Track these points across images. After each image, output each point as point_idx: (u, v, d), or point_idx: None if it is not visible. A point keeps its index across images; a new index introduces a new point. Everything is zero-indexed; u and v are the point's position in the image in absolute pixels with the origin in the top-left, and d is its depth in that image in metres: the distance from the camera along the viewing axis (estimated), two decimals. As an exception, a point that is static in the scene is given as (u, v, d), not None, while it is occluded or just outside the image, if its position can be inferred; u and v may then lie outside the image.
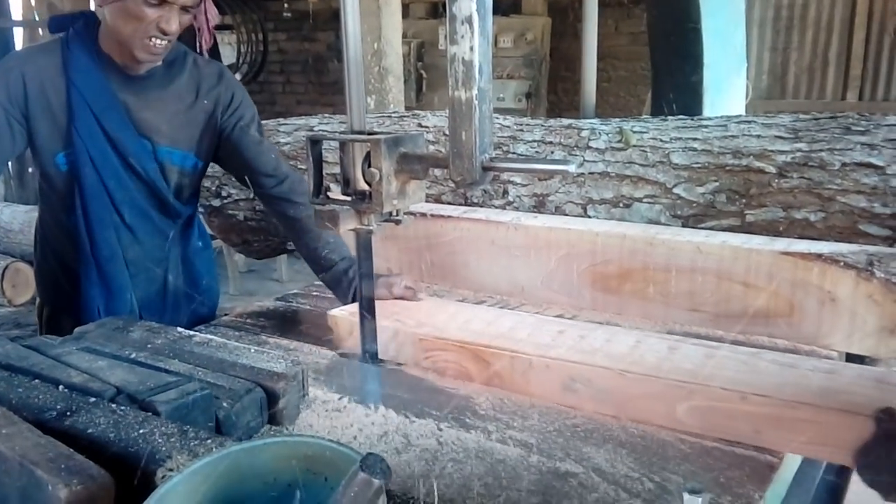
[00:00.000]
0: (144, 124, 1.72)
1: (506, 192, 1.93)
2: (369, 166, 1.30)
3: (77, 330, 1.48)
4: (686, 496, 0.69)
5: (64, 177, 1.71)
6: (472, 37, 1.16)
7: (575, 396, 1.29)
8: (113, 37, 1.64)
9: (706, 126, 1.79)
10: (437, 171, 1.95)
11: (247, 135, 1.81)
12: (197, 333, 1.44)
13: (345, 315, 1.57)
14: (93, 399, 1.07)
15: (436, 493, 0.99)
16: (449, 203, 2.05)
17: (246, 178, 1.83)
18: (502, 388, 1.35)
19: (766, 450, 1.11)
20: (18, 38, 6.53)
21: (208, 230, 2.55)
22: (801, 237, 1.58)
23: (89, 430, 0.98)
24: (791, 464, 1.17)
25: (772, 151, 1.65)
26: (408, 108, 4.58)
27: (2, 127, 1.62)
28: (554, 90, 6.33)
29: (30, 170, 6.49)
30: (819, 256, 1.45)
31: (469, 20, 1.15)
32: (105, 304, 1.78)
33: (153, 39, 1.59)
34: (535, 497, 0.99)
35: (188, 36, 1.78)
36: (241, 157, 1.81)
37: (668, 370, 1.25)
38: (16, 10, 6.52)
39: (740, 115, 1.94)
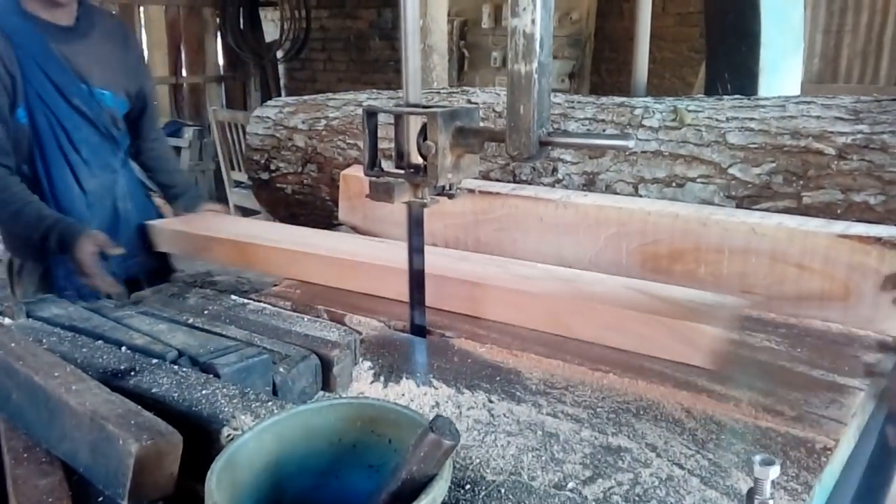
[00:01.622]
0: (78, 70, 1.97)
1: (555, 170, 1.92)
2: (425, 139, 1.30)
3: (134, 295, 1.52)
4: (757, 467, 0.68)
5: (24, 130, 1.92)
6: (535, 9, 1.15)
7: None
8: None
9: (763, 106, 1.75)
10: (488, 149, 1.95)
11: (147, 92, 2.22)
12: (250, 301, 1.47)
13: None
14: (155, 360, 1.10)
15: (490, 464, 1.00)
16: (497, 180, 2.05)
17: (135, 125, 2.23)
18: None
19: (822, 431, 1.10)
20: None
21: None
22: (860, 220, 1.55)
23: (153, 390, 1.01)
24: (844, 448, 1.16)
25: (831, 133, 1.62)
26: (450, 87, 4.56)
27: (3, 79, 1.85)
28: (597, 71, 6.24)
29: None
30: (878, 240, 1.42)
31: (531, -8, 1.14)
32: None
33: None
34: (588, 470, 0.99)
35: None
36: (139, 110, 2.21)
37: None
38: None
39: (799, 96, 1.90)
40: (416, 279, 1.47)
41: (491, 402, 1.19)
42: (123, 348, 1.15)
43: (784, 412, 1.15)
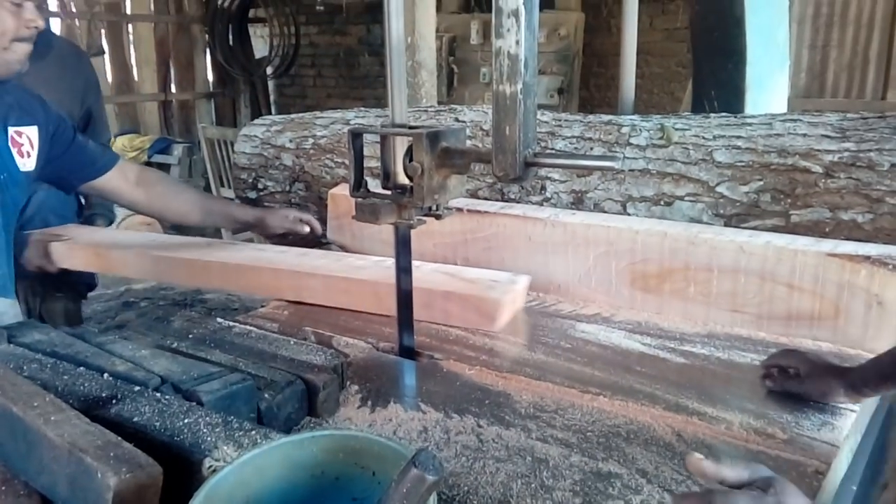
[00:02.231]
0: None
1: (543, 189, 1.92)
2: (410, 160, 1.29)
3: (118, 319, 1.50)
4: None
5: None
6: (519, 30, 1.14)
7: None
8: None
9: (750, 124, 1.76)
10: (476, 167, 1.95)
11: (95, 114, 2.41)
12: (236, 324, 1.45)
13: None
14: (137, 388, 1.08)
15: (478, 492, 0.98)
16: (486, 199, 2.04)
17: None
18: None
19: (814, 454, 1.09)
20: (55, 29, 6.61)
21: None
22: (849, 239, 1.55)
23: (135, 419, 0.99)
24: (837, 471, 1.15)
25: (818, 150, 1.62)
26: (439, 104, 4.57)
27: None
28: (586, 86, 6.27)
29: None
30: (867, 258, 1.42)
31: (515, 13, 1.14)
32: None
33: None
34: (578, 498, 0.98)
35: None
36: (83, 127, 2.37)
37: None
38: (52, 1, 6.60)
39: (785, 114, 1.90)
40: (404, 300, 1.46)
41: (480, 426, 1.17)
42: (105, 375, 1.13)
43: (775, 435, 1.14)
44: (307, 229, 1.86)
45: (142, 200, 1.82)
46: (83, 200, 2.57)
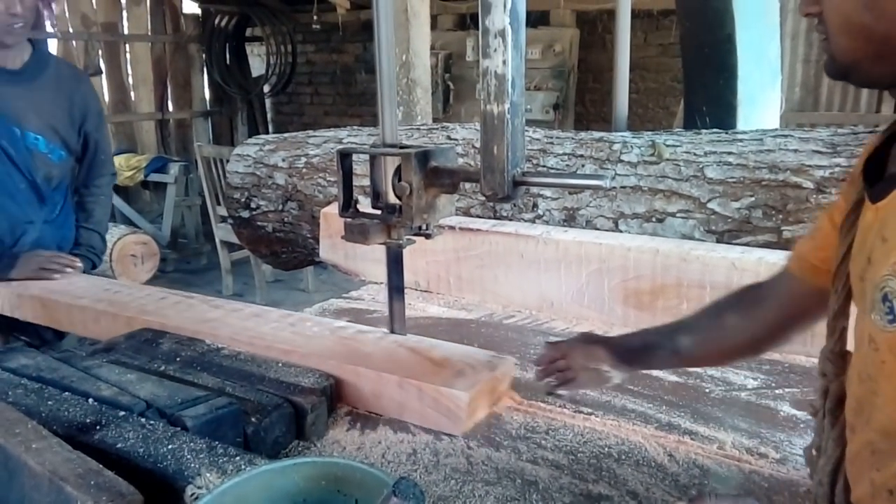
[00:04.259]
0: (14, 112, 1.98)
1: (535, 206, 1.91)
2: (399, 180, 1.29)
3: (107, 341, 1.48)
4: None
5: None
6: (505, 50, 1.14)
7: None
8: None
9: (741, 140, 1.75)
10: (468, 185, 1.94)
11: (95, 142, 2.22)
12: (225, 346, 1.43)
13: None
14: (122, 413, 1.07)
15: (466, 515, 0.97)
16: (478, 216, 2.04)
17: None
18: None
19: (807, 475, 1.07)
20: (52, 49, 6.63)
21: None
22: (841, 254, 1.54)
23: (118, 445, 0.98)
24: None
25: (809, 166, 1.62)
26: (435, 120, 4.57)
27: None
28: (581, 101, 6.28)
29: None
30: (859, 274, 1.41)
31: (502, 33, 1.14)
32: None
33: (8, 24, 1.87)
34: (567, 520, 0.97)
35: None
36: (85, 158, 2.23)
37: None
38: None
39: (776, 129, 1.90)
40: (397, 319, 1.45)
41: (470, 448, 1.16)
42: (90, 400, 1.12)
43: (768, 454, 1.13)
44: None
45: None
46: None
